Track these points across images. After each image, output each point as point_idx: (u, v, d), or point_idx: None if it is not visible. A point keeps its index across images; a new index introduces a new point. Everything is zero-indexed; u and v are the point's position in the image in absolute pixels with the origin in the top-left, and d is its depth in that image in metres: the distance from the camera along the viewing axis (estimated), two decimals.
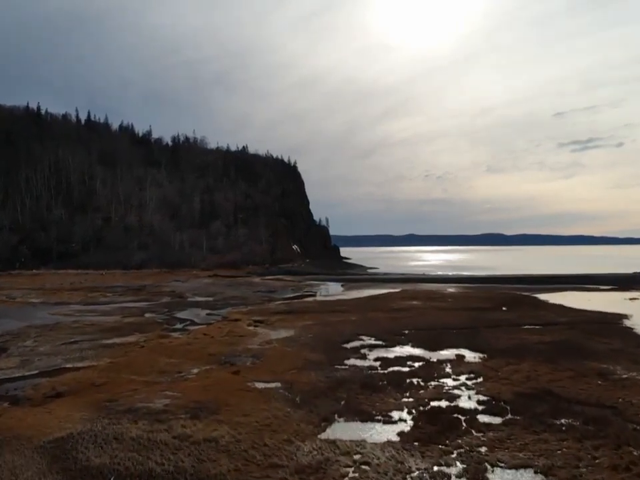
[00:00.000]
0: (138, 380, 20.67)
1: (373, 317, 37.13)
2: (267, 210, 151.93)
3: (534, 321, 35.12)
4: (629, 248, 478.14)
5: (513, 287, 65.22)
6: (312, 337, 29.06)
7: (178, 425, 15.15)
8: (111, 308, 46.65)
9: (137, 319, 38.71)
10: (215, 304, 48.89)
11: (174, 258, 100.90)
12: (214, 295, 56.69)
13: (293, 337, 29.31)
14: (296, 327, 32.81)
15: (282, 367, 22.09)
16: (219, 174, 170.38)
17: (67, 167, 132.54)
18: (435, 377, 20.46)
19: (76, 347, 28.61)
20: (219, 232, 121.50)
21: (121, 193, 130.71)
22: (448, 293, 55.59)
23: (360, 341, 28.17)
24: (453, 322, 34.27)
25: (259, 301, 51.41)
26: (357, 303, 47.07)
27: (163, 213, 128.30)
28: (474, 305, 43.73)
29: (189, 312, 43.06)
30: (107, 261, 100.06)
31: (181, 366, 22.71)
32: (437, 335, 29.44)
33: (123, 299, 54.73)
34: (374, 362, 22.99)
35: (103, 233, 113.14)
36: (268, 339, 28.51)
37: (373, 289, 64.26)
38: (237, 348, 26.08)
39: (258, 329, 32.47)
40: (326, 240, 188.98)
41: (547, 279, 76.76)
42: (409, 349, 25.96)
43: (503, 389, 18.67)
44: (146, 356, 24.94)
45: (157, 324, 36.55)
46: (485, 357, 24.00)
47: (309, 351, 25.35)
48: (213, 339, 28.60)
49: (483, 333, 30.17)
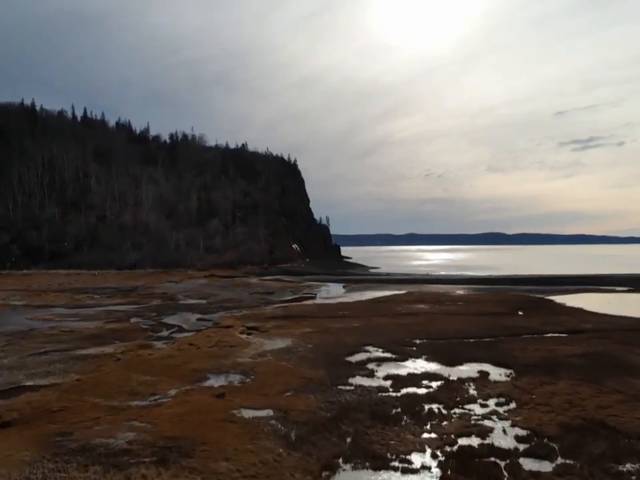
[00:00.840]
0: (103, 405, 17.31)
1: (379, 323, 33.74)
2: (267, 208, 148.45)
3: (557, 328, 31.71)
4: (629, 247, 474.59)
5: (523, 288, 61.80)
6: (311, 348, 25.68)
7: (138, 474, 11.79)
8: (95, 312, 43.31)
9: (120, 325, 35.36)
10: (207, 307, 45.53)
11: (169, 258, 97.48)
12: (207, 298, 53.32)
13: (289, 347, 25.92)
14: (293, 335, 29.43)
15: (276, 387, 18.72)
16: (218, 172, 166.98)
17: (61, 164, 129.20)
18: (458, 401, 17.06)
19: (44, 359, 25.27)
20: (216, 231, 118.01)
21: (116, 191, 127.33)
22: (457, 295, 52.16)
23: (366, 352, 24.76)
24: (468, 329, 30.87)
25: (255, 304, 48.03)
26: (360, 306, 43.67)
27: (159, 212, 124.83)
28: (487, 310, 40.31)
29: (178, 317, 39.69)
30: (100, 261, 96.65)
31: (156, 386, 19.34)
32: (453, 346, 26.04)
33: (110, 301, 51.39)
34: (384, 381, 19.59)
35: (96, 231, 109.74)
36: (261, 351, 25.12)
37: (376, 290, 60.84)
38: (225, 362, 22.69)
39: (251, 337, 29.09)
40: (326, 239, 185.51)
41: (558, 279, 73.30)
42: (422, 364, 22.57)
43: (544, 419, 15.29)
44: (119, 372, 21.58)
45: (140, 331, 33.19)
46: (513, 374, 20.62)
47: (307, 365, 21.97)
48: (199, 351, 25.21)
49: (505, 343, 26.78)
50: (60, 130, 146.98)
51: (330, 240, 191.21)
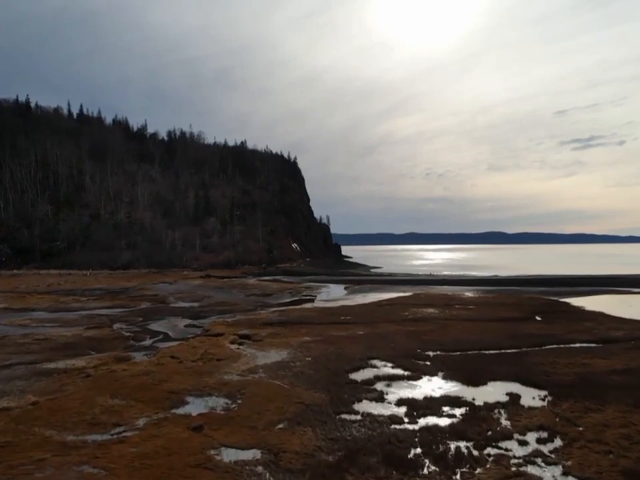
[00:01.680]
0: (54, 440, 14.09)
1: (385, 330, 30.48)
2: (266, 207, 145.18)
3: (584, 336, 28.45)
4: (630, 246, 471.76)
5: (534, 290, 58.55)
6: (310, 362, 22.44)
7: None
8: (77, 316, 40.09)
9: (100, 332, 32.13)
10: (199, 311, 42.29)
11: (164, 257, 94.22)
12: (200, 300, 50.07)
13: (285, 361, 22.67)
14: (290, 345, 26.19)
15: (266, 415, 15.48)
16: (216, 170, 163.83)
17: (55, 161, 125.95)
18: (491, 437, 13.81)
19: (5, 374, 22.06)
20: (213, 230, 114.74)
21: (111, 189, 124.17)
22: (467, 298, 48.87)
23: (373, 368, 21.51)
24: (486, 339, 27.62)
25: (251, 307, 44.78)
26: (364, 310, 40.41)
27: (155, 210, 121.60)
28: (502, 314, 37.05)
29: (166, 322, 36.46)
30: (93, 261, 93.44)
31: (123, 413, 16.10)
32: (472, 360, 22.79)
33: (97, 304, 48.15)
34: (396, 407, 16.34)
35: (90, 230, 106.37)
36: (252, 365, 21.87)
37: (379, 292, 57.58)
38: (209, 381, 19.45)
39: (243, 348, 25.85)
40: (327, 238, 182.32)
41: (569, 280, 69.99)
42: (440, 383, 19.31)
43: (604, 464, 12.06)
44: (84, 393, 18.35)
45: (121, 339, 29.95)
46: (549, 398, 17.37)
47: (305, 385, 18.74)
48: (181, 365, 21.98)
49: (530, 356, 23.52)
50: (55, 127, 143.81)
51: (330, 239, 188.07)
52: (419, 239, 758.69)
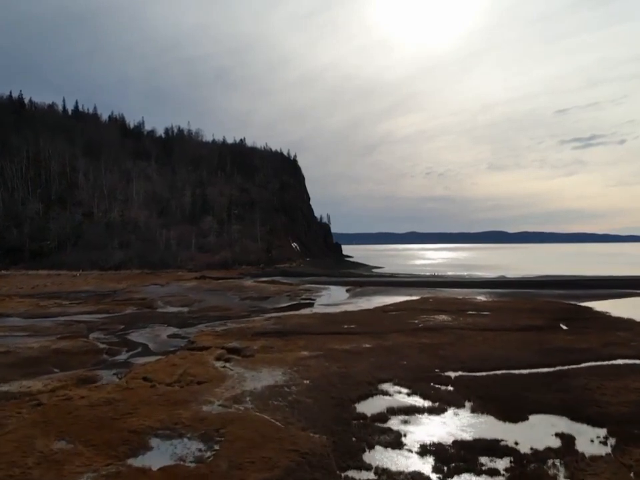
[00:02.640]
0: None
1: (395, 343, 26.75)
2: (265, 205, 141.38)
3: (624, 350, 24.70)
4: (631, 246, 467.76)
5: (550, 293, 54.80)
6: (308, 386, 18.72)
7: None
8: (53, 323, 36.39)
9: (72, 344, 28.40)
10: (187, 318, 38.59)
11: (158, 257, 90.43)
12: (191, 305, 46.36)
13: (279, 385, 18.94)
14: (286, 362, 22.47)
15: (249, 473, 11.75)
16: (214, 167, 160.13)
17: (47, 158, 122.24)
18: None
19: None
20: (210, 229, 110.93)
21: (105, 187, 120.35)
22: (479, 302, 45.10)
23: (384, 395, 17.76)
24: (513, 354, 23.88)
25: (245, 313, 41.05)
26: (369, 317, 36.66)
27: (150, 208, 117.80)
28: (523, 322, 33.31)
29: (148, 331, 32.76)
30: (84, 261, 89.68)
31: (65, 465, 12.37)
32: (503, 383, 19.05)
33: (79, 309, 44.46)
34: (419, 458, 12.58)
35: (82, 229, 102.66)
36: (239, 392, 18.14)
37: (384, 295, 53.82)
38: (184, 414, 15.71)
39: (229, 366, 22.12)
40: (327, 237, 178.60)
41: (585, 281, 66.22)
42: (470, 418, 15.54)
43: None
44: (26, 430, 14.64)
45: (93, 354, 26.23)
46: (611, 440, 13.66)
47: (302, 422, 14.99)
48: (153, 391, 18.26)
49: (570, 377, 19.80)
50: (48, 123, 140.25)
51: (331, 238, 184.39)
52: (420, 239, 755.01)
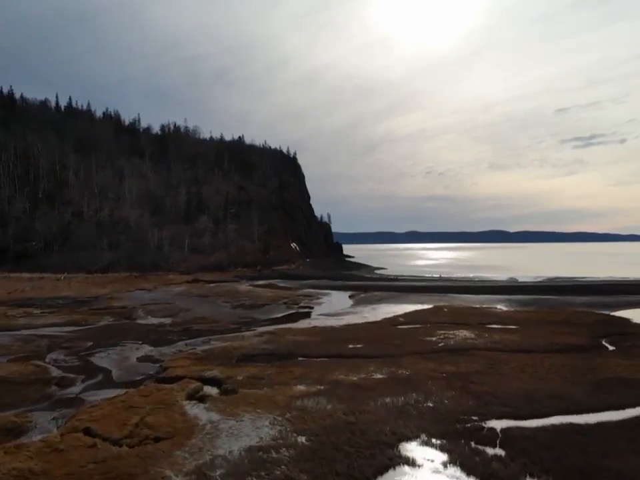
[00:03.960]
0: None
1: (413, 371, 21.65)
2: (263, 204, 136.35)
3: None
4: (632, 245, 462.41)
5: (576, 300, 49.57)
6: (303, 451, 13.61)
7: None
8: (11, 339, 31.34)
9: (19, 369, 23.35)
10: (167, 333, 33.53)
11: (149, 259, 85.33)
12: (175, 315, 41.29)
13: (263, 447, 13.80)
14: (276, 404, 17.38)
15: None
16: (211, 165, 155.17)
17: (36, 155, 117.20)
18: None
19: None
20: (205, 228, 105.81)
21: (97, 185, 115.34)
22: (501, 313, 39.90)
23: (411, 468, 12.64)
24: (566, 389, 18.75)
25: (234, 325, 35.98)
26: (377, 332, 31.54)
27: (143, 207, 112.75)
28: (559, 340, 28.21)
29: (117, 352, 27.66)
30: (70, 263, 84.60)
31: None
32: (569, 441, 13.90)
33: (49, 319, 39.39)
34: None
35: (70, 229, 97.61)
36: (208, 460, 13.02)
37: (391, 303, 48.69)
38: None
39: (202, 410, 17.04)
40: (328, 237, 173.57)
41: (610, 286, 60.98)
42: None
43: None
44: None
45: (39, 384, 21.16)
46: None
47: None
48: (90, 454, 13.15)
49: None
50: (39, 119, 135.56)
51: (331, 238, 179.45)
52: (420, 238, 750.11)
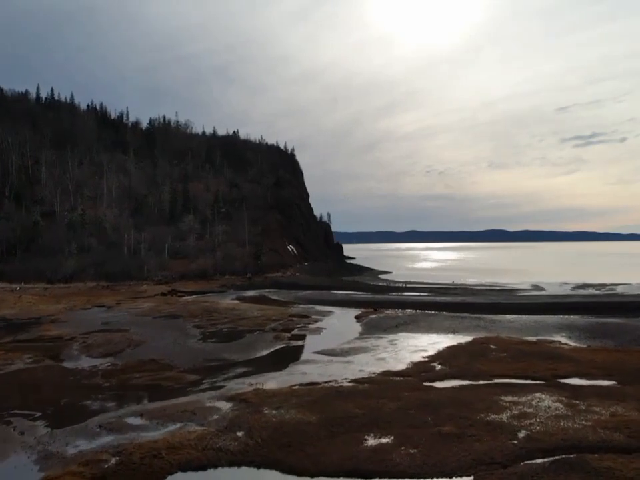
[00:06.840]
0: None
1: None
2: (257, 202, 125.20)
3: None
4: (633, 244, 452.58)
5: None
6: None
7: None
8: None
9: None
10: (90, 392, 22.36)
11: (121, 266, 74.18)
12: (119, 353, 30.05)
13: None
14: None
15: None
16: (201, 160, 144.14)
17: (5, 149, 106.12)
18: None
19: None
20: (190, 230, 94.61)
21: (72, 182, 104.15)
22: (573, 351, 28.44)
23: None
24: None
25: (191, 377, 24.80)
26: (409, 402, 20.21)
27: (122, 207, 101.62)
28: None
29: None
30: (31, 270, 73.52)
31: None
32: None
33: None
34: None
35: (37, 232, 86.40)
36: None
37: (413, 329, 37.37)
38: None
39: None
40: (328, 237, 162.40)
41: None
42: None
43: None
44: None
45: None
46: None
47: None
48: None
49: None
50: (14, 111, 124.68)
51: (332, 238, 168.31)
52: (420, 237, 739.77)
